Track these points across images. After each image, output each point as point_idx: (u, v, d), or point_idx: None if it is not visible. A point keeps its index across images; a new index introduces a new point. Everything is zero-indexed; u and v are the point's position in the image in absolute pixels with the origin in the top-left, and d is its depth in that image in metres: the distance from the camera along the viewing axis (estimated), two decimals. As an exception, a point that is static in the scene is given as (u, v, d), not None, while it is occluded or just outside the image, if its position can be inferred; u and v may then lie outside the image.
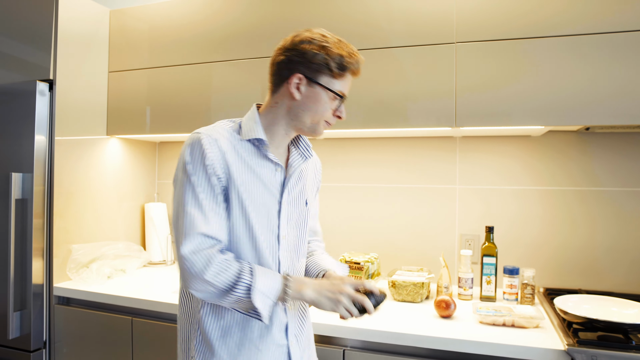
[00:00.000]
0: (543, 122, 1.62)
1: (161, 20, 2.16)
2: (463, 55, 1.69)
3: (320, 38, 1.11)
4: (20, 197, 1.91)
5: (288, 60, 1.12)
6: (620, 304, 1.54)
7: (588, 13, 1.56)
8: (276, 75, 1.15)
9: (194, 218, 1.05)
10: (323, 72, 1.11)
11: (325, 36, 1.12)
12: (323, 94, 1.12)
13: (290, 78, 1.12)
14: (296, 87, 1.12)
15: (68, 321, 1.94)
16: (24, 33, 2.04)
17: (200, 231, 1.04)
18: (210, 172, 1.06)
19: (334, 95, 1.13)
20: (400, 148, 2.15)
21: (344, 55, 1.10)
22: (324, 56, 1.09)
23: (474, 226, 2.04)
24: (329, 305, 1.08)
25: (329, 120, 1.17)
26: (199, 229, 1.04)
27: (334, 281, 1.12)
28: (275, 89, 1.16)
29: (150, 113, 2.18)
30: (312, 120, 1.14)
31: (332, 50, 1.10)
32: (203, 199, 1.06)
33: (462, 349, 1.38)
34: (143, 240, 2.51)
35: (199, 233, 1.04)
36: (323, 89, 1.12)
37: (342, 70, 1.11)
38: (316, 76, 1.11)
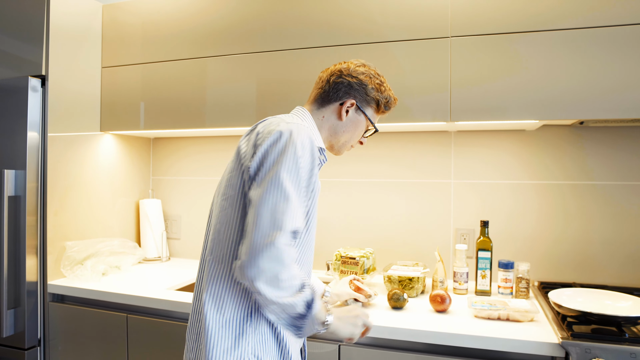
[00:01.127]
0: (537, 116, 1.62)
1: (154, 14, 2.14)
2: (458, 49, 1.69)
3: (376, 76, 1.29)
4: (13, 194, 1.90)
5: (349, 84, 1.25)
6: (614, 297, 1.55)
7: (582, 7, 1.56)
8: (331, 92, 1.26)
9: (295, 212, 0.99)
10: (371, 106, 1.28)
11: (380, 76, 1.30)
12: (364, 122, 1.29)
13: (346, 101, 1.25)
14: (346, 111, 1.26)
15: (63, 319, 1.93)
16: (16, 28, 2.02)
17: (294, 227, 0.99)
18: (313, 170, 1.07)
19: (372, 127, 1.31)
20: (395, 143, 2.15)
21: (390, 98, 1.31)
22: (378, 94, 1.28)
23: (469, 221, 2.05)
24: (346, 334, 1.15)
25: (354, 145, 1.33)
26: (285, 225, 0.97)
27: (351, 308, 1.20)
28: (324, 103, 1.27)
29: (144, 109, 2.17)
30: (345, 142, 1.29)
31: (385, 91, 1.29)
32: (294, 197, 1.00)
33: (458, 343, 1.39)
34: (138, 236, 2.50)
35: (288, 231, 0.98)
36: (366, 119, 1.29)
37: (385, 109, 1.31)
38: (365, 107, 1.27)
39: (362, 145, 1.35)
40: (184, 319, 1.73)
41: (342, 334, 1.14)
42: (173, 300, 1.72)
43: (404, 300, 1.62)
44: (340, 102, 1.25)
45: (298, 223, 1.00)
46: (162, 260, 2.42)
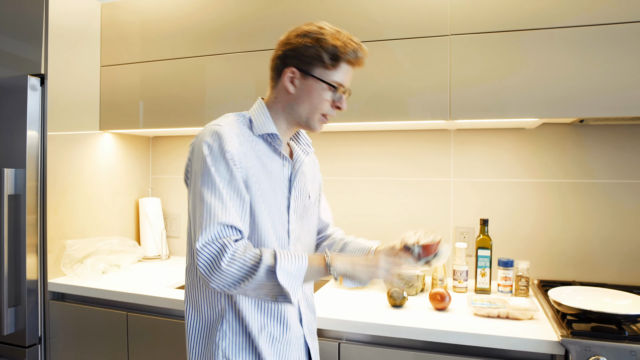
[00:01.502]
0: (537, 115, 1.62)
1: (153, 13, 2.14)
2: (457, 47, 1.69)
3: (317, 30, 1.11)
4: (13, 193, 1.90)
5: (283, 54, 1.13)
6: (614, 295, 1.55)
7: (582, 5, 1.56)
8: (274, 70, 1.17)
9: (211, 207, 1.01)
10: (316, 65, 1.11)
11: (323, 28, 1.11)
12: (317, 85, 1.12)
13: (284, 72, 1.13)
14: (290, 81, 1.13)
15: (63, 317, 1.94)
16: (15, 27, 2.02)
17: (219, 221, 1.00)
18: (231, 163, 1.04)
19: (328, 87, 1.12)
20: (394, 141, 2.15)
21: (337, 45, 1.09)
22: (317, 48, 1.09)
23: (468, 219, 2.05)
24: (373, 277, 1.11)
25: (327, 112, 1.16)
26: (217, 219, 1.00)
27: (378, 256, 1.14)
28: (274, 84, 1.18)
29: (143, 107, 2.17)
30: (308, 114, 1.14)
31: (327, 41, 1.09)
32: (222, 188, 1.03)
33: (457, 341, 1.39)
34: (137, 235, 2.50)
35: (217, 223, 1.00)
36: (316, 81, 1.11)
37: (335, 61, 1.10)
38: (309, 69, 1.11)
39: (340, 110, 1.18)
40: (184, 317, 1.73)
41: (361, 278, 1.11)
42: (173, 298, 1.72)
43: (403, 299, 1.62)
44: (282, 75, 1.15)
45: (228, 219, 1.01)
46: (161, 259, 2.42)
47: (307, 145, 1.28)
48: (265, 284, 0.99)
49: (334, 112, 1.17)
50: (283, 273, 0.98)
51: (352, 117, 1.82)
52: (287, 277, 0.99)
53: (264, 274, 0.98)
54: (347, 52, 1.11)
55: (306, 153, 1.26)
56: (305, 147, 1.28)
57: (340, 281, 1.21)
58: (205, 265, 0.99)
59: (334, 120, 1.83)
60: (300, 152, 1.25)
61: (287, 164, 1.18)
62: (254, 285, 0.99)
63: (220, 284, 0.99)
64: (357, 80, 1.78)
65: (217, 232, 1.00)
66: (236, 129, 1.10)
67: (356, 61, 1.14)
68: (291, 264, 1.00)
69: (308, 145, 1.28)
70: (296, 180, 1.19)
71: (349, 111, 1.81)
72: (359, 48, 1.13)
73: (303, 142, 1.28)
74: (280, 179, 1.16)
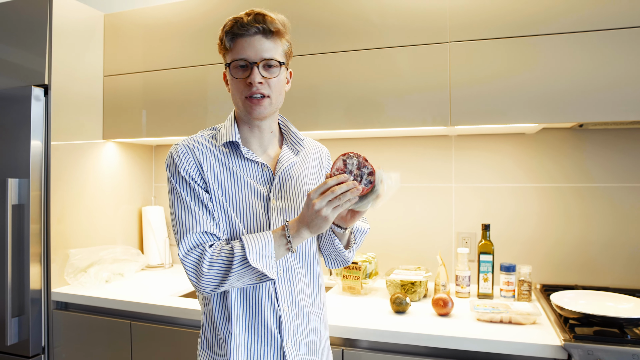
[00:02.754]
0: (537, 120, 1.63)
1: (156, 23, 2.16)
2: (456, 54, 1.70)
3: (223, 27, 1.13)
4: (17, 203, 1.91)
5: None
6: (616, 299, 1.55)
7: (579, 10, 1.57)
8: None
9: (183, 220, 1.09)
10: (224, 56, 1.15)
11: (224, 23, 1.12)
12: (228, 74, 1.14)
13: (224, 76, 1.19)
14: (225, 82, 1.18)
15: (67, 326, 1.94)
16: (19, 38, 2.04)
17: (192, 231, 1.08)
18: (188, 178, 1.11)
19: (228, 68, 1.12)
20: (396, 147, 2.16)
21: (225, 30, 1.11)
22: (219, 44, 1.14)
23: (470, 224, 2.05)
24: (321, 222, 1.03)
25: (246, 94, 1.10)
26: (190, 230, 1.08)
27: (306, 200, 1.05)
28: None
29: (146, 116, 2.19)
30: (236, 103, 1.15)
31: (220, 34, 1.13)
32: (189, 201, 1.10)
33: (460, 347, 1.39)
34: (141, 243, 2.51)
35: (191, 233, 1.08)
36: (227, 69, 1.14)
37: (226, 43, 1.11)
38: (224, 60, 1.15)
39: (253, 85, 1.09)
40: (188, 325, 1.74)
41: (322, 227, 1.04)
42: (176, 306, 1.73)
43: (406, 304, 1.63)
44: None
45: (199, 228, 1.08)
46: (165, 267, 2.43)
47: (295, 144, 1.24)
48: (243, 272, 1.04)
49: (251, 89, 1.09)
50: (254, 258, 1.03)
51: (353, 124, 1.83)
52: (259, 259, 1.04)
53: (240, 265, 1.03)
54: (227, 28, 1.10)
55: (296, 152, 1.23)
56: (294, 145, 1.24)
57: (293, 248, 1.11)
58: (192, 274, 1.07)
59: (335, 128, 1.85)
60: (289, 151, 1.22)
61: (265, 167, 1.17)
62: (236, 277, 1.05)
63: (208, 287, 1.06)
64: (357, 86, 1.81)
65: (192, 242, 1.08)
66: (196, 143, 1.14)
67: (242, 28, 1.08)
68: (258, 247, 1.05)
69: (296, 143, 1.24)
70: (277, 181, 1.17)
71: (349, 118, 1.83)
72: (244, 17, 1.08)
73: (293, 140, 1.25)
74: (259, 182, 1.15)
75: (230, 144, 1.16)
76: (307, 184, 1.23)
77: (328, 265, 1.31)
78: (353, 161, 1.08)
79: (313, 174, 1.27)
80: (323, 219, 1.03)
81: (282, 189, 1.17)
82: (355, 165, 1.08)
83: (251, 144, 1.19)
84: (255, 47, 1.09)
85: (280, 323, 1.13)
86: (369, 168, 1.07)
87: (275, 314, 1.13)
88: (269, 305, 1.13)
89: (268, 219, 1.14)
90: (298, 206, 1.20)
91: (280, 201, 1.17)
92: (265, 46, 1.10)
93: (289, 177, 1.20)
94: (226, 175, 1.13)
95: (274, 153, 1.22)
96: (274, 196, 1.16)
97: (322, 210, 1.02)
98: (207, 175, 1.12)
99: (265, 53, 1.10)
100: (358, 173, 1.07)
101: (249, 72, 1.09)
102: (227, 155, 1.15)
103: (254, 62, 1.09)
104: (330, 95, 1.86)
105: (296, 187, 1.21)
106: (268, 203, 1.15)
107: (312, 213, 1.03)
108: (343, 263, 1.29)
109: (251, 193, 1.14)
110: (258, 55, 1.09)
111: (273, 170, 1.18)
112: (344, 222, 1.17)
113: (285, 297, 1.15)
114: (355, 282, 1.88)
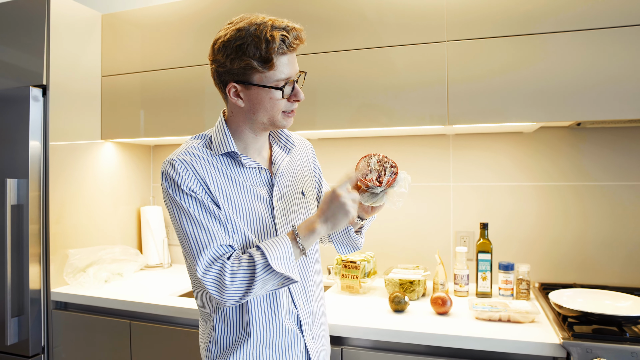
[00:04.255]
0: (535, 119, 1.63)
1: (153, 23, 2.16)
2: (454, 53, 1.70)
3: (235, 36, 1.02)
4: (15, 203, 1.91)
5: (216, 72, 1.09)
6: (614, 297, 1.56)
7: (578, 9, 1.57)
8: (217, 86, 1.12)
9: (196, 238, 1.05)
10: (251, 73, 1.04)
11: (241, 30, 1.02)
12: (262, 92, 1.06)
13: (227, 90, 1.09)
14: (236, 96, 1.08)
15: (66, 326, 1.94)
16: (17, 39, 2.04)
17: (209, 247, 1.04)
18: (193, 194, 1.06)
19: (273, 89, 1.05)
20: (394, 146, 2.16)
21: (262, 47, 1.00)
22: (243, 59, 1.02)
23: (468, 223, 2.06)
24: (343, 217, 1.05)
25: (287, 109, 1.10)
26: (207, 246, 1.04)
27: (326, 197, 1.07)
28: (225, 99, 1.14)
29: (144, 116, 2.19)
30: (269, 118, 1.10)
31: (249, 46, 1.01)
32: (197, 216, 1.06)
33: (459, 345, 1.39)
34: (139, 243, 2.51)
35: (208, 249, 1.04)
36: (260, 88, 1.05)
37: (268, 63, 1.02)
38: (247, 79, 1.05)
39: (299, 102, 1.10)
40: (187, 325, 1.74)
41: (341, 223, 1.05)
42: (175, 306, 1.73)
43: (405, 303, 1.63)
44: (226, 92, 1.10)
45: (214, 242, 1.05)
46: (163, 267, 2.43)
47: (287, 142, 1.24)
48: (267, 279, 1.03)
49: (294, 105, 1.10)
50: (277, 263, 1.02)
51: (351, 123, 1.83)
52: (282, 264, 1.03)
53: (263, 272, 1.01)
54: (276, 48, 1.01)
55: (287, 150, 1.23)
56: (286, 143, 1.24)
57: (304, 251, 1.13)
58: (214, 290, 1.03)
59: (333, 127, 1.85)
60: (280, 150, 1.23)
61: (262, 170, 1.17)
62: (260, 285, 1.03)
63: (233, 299, 1.03)
64: (354, 86, 1.81)
65: (210, 258, 1.04)
66: (193, 157, 1.09)
67: (291, 47, 1.04)
68: (279, 251, 1.03)
69: (287, 141, 1.24)
70: (277, 183, 1.18)
71: (347, 118, 1.83)
72: (288, 33, 1.02)
73: (283, 139, 1.24)
74: (259, 187, 1.15)
75: (228, 153, 1.14)
76: (300, 181, 1.25)
77: (340, 251, 1.33)
78: (374, 159, 1.16)
79: (302, 169, 1.29)
80: (345, 214, 1.04)
81: (281, 190, 1.18)
82: (376, 162, 1.16)
83: (250, 149, 1.18)
84: (295, 63, 1.09)
85: (299, 321, 1.17)
86: (389, 162, 1.15)
87: (292, 314, 1.16)
88: (286, 306, 1.15)
89: (274, 221, 1.15)
90: (297, 204, 1.21)
91: (281, 202, 1.18)
92: (296, 59, 1.10)
93: (285, 176, 1.21)
94: (230, 185, 1.12)
95: (267, 154, 1.22)
96: (275, 198, 1.17)
97: (347, 204, 1.04)
98: (213, 189, 1.09)
99: (297, 66, 1.10)
100: (381, 168, 1.15)
101: (290, 91, 1.08)
102: (226, 164, 1.13)
103: (296, 80, 1.09)
104: (328, 95, 1.86)
105: (292, 186, 1.22)
106: (272, 206, 1.16)
107: (337, 207, 1.04)
108: (355, 248, 1.32)
109: (255, 199, 1.14)
110: (296, 70, 1.09)
111: (270, 171, 1.19)
112: (365, 213, 1.20)
113: (300, 295, 1.18)
114: (354, 281, 1.88)
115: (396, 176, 1.14)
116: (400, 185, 1.15)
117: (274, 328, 1.13)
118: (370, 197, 1.15)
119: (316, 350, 1.21)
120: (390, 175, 1.14)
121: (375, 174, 1.14)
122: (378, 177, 1.14)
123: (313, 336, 1.21)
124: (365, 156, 1.17)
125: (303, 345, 1.17)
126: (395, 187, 1.15)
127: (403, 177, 1.16)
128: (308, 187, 1.28)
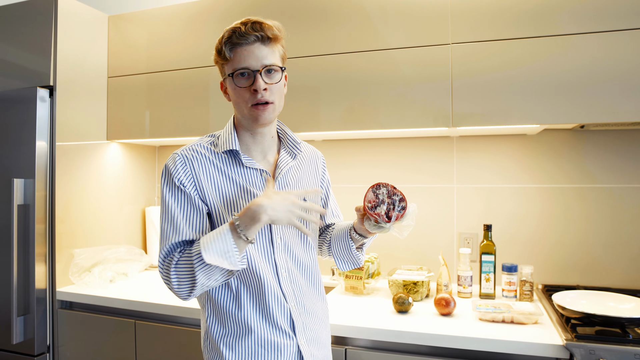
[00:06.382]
0: (539, 121, 1.64)
1: (159, 25, 2.18)
2: (458, 55, 1.71)
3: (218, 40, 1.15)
4: (22, 203, 1.93)
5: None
6: (618, 298, 1.56)
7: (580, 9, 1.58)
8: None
9: (164, 231, 1.11)
10: (223, 67, 1.16)
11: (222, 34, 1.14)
12: (227, 82, 1.16)
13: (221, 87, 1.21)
14: (224, 92, 1.20)
15: (71, 325, 1.96)
16: (24, 40, 2.06)
17: (168, 241, 1.09)
18: (181, 186, 1.11)
19: (231, 78, 1.13)
20: (398, 148, 2.17)
21: (223, 40, 1.13)
22: (217, 55, 1.16)
23: (472, 224, 2.06)
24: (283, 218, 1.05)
25: (251, 102, 1.12)
26: (166, 240, 1.09)
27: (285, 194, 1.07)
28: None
29: (149, 117, 2.20)
30: (241, 111, 1.15)
31: (217, 45, 1.15)
32: (172, 209, 1.11)
33: (463, 346, 1.40)
34: (144, 243, 2.52)
35: (167, 243, 1.09)
36: (228, 79, 1.15)
37: (225, 54, 1.12)
38: (223, 74, 1.17)
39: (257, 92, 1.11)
40: (191, 325, 1.75)
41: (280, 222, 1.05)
42: (180, 306, 1.74)
43: (409, 304, 1.64)
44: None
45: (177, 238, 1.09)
46: (168, 267, 2.44)
47: (293, 147, 1.25)
48: (206, 270, 1.03)
49: (257, 96, 1.11)
50: (210, 254, 1.01)
51: (355, 125, 1.84)
52: (217, 255, 1.01)
53: (199, 264, 1.02)
54: (225, 39, 1.12)
55: (293, 156, 1.25)
56: (292, 149, 1.25)
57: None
58: (166, 282, 1.08)
59: (339, 129, 1.86)
60: (287, 156, 1.24)
61: (264, 173, 1.17)
62: (203, 276, 1.03)
63: (184, 292, 1.07)
64: (356, 87, 1.82)
65: (166, 251, 1.09)
66: (195, 153, 1.15)
67: (241, 37, 1.10)
68: (215, 243, 1.02)
69: (294, 146, 1.25)
70: (276, 186, 1.18)
71: (352, 119, 1.84)
72: (243, 26, 1.11)
73: (290, 144, 1.26)
74: (256, 189, 1.15)
75: (230, 151, 1.17)
76: (304, 188, 1.25)
77: (340, 267, 1.33)
78: (383, 191, 1.16)
79: (309, 178, 1.30)
80: (288, 218, 1.05)
81: None
82: (385, 194, 1.16)
83: (253, 150, 1.20)
84: (256, 55, 1.11)
85: (292, 322, 1.16)
86: (399, 195, 1.16)
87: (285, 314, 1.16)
88: (278, 304, 1.15)
89: (269, 225, 1.15)
90: None
91: None
92: (264, 53, 1.12)
93: (287, 182, 1.22)
94: (226, 183, 1.14)
95: (273, 158, 1.23)
96: None
97: (295, 211, 1.05)
98: (205, 185, 1.12)
99: (266, 60, 1.12)
100: (390, 201, 1.15)
101: (252, 80, 1.11)
102: (227, 163, 1.16)
103: (256, 70, 1.11)
104: (331, 97, 1.87)
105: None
106: None
107: (286, 205, 1.04)
108: (355, 264, 1.32)
109: (251, 199, 1.14)
110: (259, 62, 1.11)
111: (272, 175, 1.20)
112: (367, 233, 1.22)
113: (291, 296, 1.17)
114: (358, 282, 1.89)
115: (405, 211, 1.15)
116: (408, 219, 1.16)
117: (265, 326, 1.13)
118: (377, 228, 1.17)
119: (310, 353, 1.18)
120: (399, 210, 1.15)
121: (384, 207, 1.15)
122: (387, 212, 1.15)
123: (307, 339, 1.19)
124: (374, 186, 1.17)
125: (296, 347, 1.16)
126: (403, 222, 1.16)
127: (411, 211, 1.16)
128: (312, 196, 1.27)
